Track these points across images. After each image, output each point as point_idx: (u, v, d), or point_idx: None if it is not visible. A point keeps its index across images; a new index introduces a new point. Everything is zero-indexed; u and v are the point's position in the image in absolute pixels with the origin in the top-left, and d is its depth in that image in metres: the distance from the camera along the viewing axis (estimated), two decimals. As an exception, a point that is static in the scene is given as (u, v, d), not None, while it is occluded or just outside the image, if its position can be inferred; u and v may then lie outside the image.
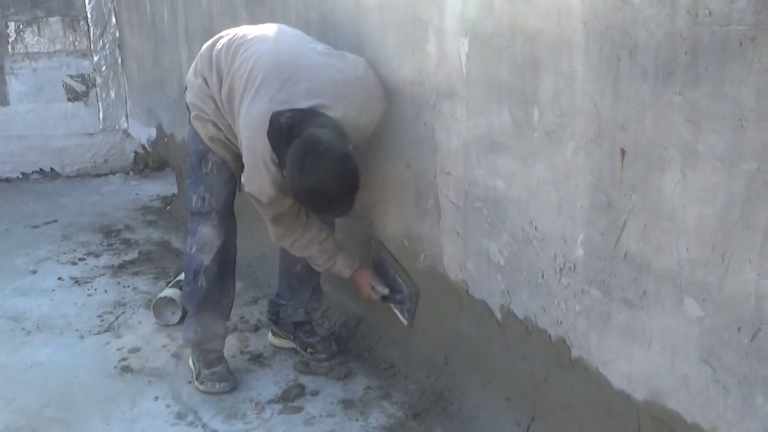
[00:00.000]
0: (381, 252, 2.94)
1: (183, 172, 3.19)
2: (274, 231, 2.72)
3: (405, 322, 2.88)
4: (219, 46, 2.75)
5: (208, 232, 2.85)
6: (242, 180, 2.67)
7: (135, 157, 5.87)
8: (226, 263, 2.91)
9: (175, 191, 5.15)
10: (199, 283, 2.88)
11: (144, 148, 5.70)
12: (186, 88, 2.88)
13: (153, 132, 5.44)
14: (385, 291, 2.88)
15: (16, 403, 2.91)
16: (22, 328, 3.53)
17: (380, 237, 2.97)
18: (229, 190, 2.84)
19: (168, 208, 5.08)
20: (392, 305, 2.91)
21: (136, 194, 5.46)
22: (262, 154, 2.51)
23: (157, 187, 5.52)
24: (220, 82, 2.69)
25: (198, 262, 2.87)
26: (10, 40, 5.52)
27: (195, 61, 2.86)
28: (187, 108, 2.86)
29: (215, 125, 2.75)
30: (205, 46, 2.84)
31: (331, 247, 2.80)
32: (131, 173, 5.86)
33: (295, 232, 2.71)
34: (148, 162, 5.88)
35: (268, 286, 3.66)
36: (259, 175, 2.54)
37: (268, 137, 2.48)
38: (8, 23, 5.51)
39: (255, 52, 2.62)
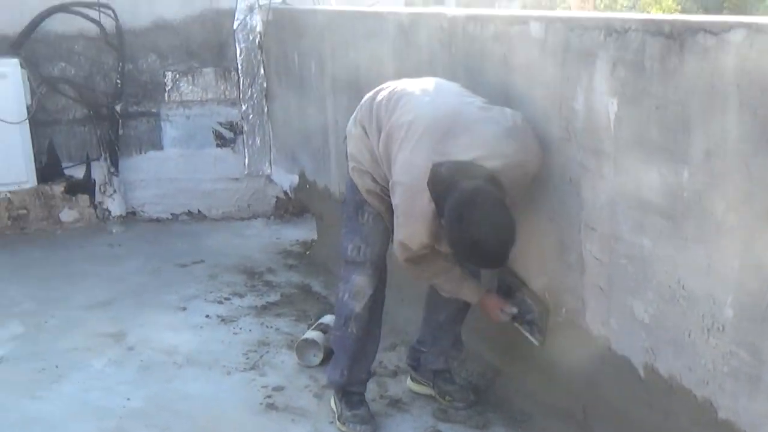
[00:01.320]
0: (506, 274, 3.01)
1: (340, 220, 3.37)
2: (407, 264, 2.80)
3: (536, 342, 2.93)
4: (380, 97, 2.92)
5: (361, 281, 3.00)
6: (394, 227, 2.78)
7: (277, 202, 6.17)
8: (375, 311, 3.05)
9: (315, 237, 5.39)
10: (350, 329, 3.03)
11: (286, 193, 5.98)
12: (345, 137, 3.06)
13: (295, 179, 5.70)
14: (514, 311, 2.94)
15: (170, 432, 3.14)
16: (174, 362, 3.79)
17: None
18: (383, 242, 2.97)
19: (308, 253, 5.31)
20: (521, 326, 2.97)
21: (277, 238, 5.72)
22: (420, 202, 2.61)
23: (297, 232, 5.78)
24: (379, 132, 2.84)
25: (350, 309, 3.02)
26: (167, 89, 5.96)
27: (355, 111, 3.04)
28: (347, 158, 3.03)
29: (372, 178, 2.91)
30: (366, 97, 3.02)
31: (457, 275, 2.89)
32: (272, 218, 6.15)
33: (443, 275, 2.84)
34: (289, 207, 6.16)
35: (406, 333, 3.79)
36: (414, 222, 2.65)
37: (429, 187, 2.59)
38: (166, 73, 5.95)
39: (415, 104, 2.77)
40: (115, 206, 5.94)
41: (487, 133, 2.64)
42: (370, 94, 3.01)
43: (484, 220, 2.47)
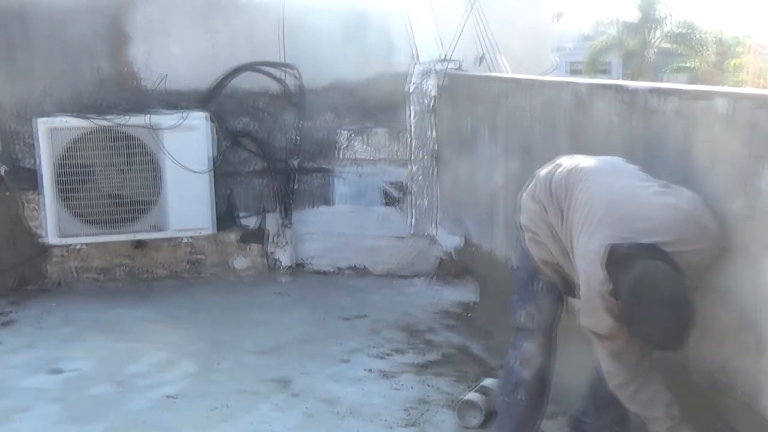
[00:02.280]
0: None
1: (504, 285, 3.46)
2: (613, 373, 2.79)
3: None
4: (557, 176, 3.01)
5: (532, 348, 3.08)
6: (580, 314, 2.84)
7: (439, 262, 6.32)
8: (544, 379, 3.11)
9: (476, 299, 5.49)
10: (518, 396, 3.10)
11: (449, 255, 6.13)
12: (520, 208, 3.17)
13: (459, 241, 5.85)
14: None
15: (333, 479, 3.29)
16: (336, 412, 3.97)
17: (691, 368, 3.04)
18: (555, 310, 3.04)
19: (468, 315, 5.41)
20: None
21: (438, 298, 5.86)
22: (598, 285, 2.68)
23: (458, 294, 5.89)
24: (560, 212, 2.92)
25: (519, 376, 3.10)
26: (341, 147, 6.27)
27: (532, 186, 3.14)
28: (520, 228, 3.14)
29: (548, 250, 3.00)
30: (543, 173, 3.12)
31: (677, 413, 2.76)
32: (434, 278, 6.29)
33: (636, 381, 2.77)
34: (451, 269, 6.29)
35: (567, 402, 3.80)
36: (594, 307, 2.71)
37: (607, 268, 2.65)
38: (341, 131, 6.27)
39: (593, 189, 2.84)
40: (285, 257, 6.27)
41: (667, 219, 2.68)
42: (546, 171, 3.10)
43: (664, 300, 2.50)
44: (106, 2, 5.93)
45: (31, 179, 5.82)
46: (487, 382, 3.96)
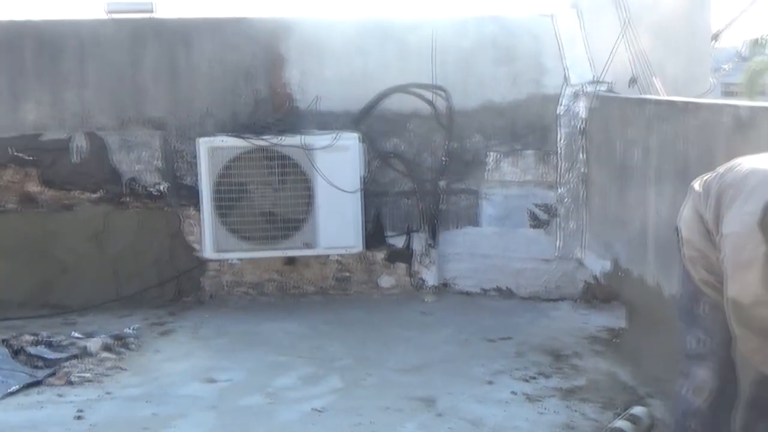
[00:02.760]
0: None
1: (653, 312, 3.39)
2: (742, 332, 2.64)
3: None
4: (714, 179, 2.95)
5: (703, 375, 2.96)
6: (726, 285, 2.67)
7: (585, 286, 6.27)
8: (720, 409, 2.97)
9: (624, 325, 5.42)
10: (689, 425, 3.01)
11: (596, 279, 6.08)
12: (676, 229, 3.14)
13: (607, 265, 5.79)
14: None
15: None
16: (480, 434, 4.02)
17: None
18: (726, 332, 2.83)
19: (616, 340, 5.35)
20: None
21: (584, 323, 5.82)
22: (750, 246, 2.53)
23: (605, 319, 5.83)
24: (716, 217, 2.83)
25: (689, 404, 3.00)
26: (488, 168, 6.35)
27: (688, 197, 3.09)
28: (680, 246, 3.08)
29: (707, 269, 2.94)
30: (697, 182, 3.07)
31: None
32: (579, 301, 6.26)
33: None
34: (597, 293, 6.23)
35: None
36: (744, 271, 2.55)
37: (761, 228, 2.51)
38: (489, 153, 6.35)
39: (748, 168, 2.78)
40: (430, 276, 6.38)
41: None
42: (701, 180, 3.05)
43: None
44: (263, 26, 6.23)
45: (191, 196, 6.18)
46: (637, 410, 3.93)
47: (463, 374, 4.81)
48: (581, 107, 6.12)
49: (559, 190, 6.25)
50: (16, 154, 6.14)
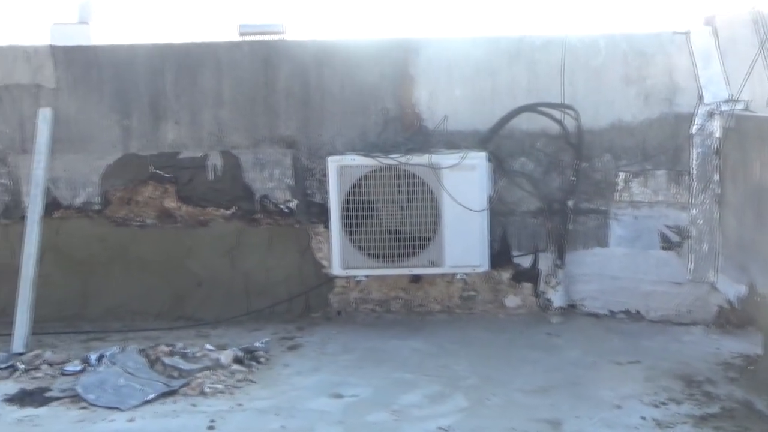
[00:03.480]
0: None
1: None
2: None
3: None
4: None
5: None
6: None
7: (718, 311, 6.18)
8: None
9: (759, 352, 5.32)
10: None
11: (730, 303, 5.99)
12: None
13: (742, 289, 5.69)
14: None
15: None
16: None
17: None
18: None
19: (751, 368, 5.26)
20: None
21: (717, 348, 5.73)
22: None
23: (740, 345, 5.73)
24: None
25: None
26: (618, 189, 6.35)
27: None
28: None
29: None
30: None
31: None
32: (712, 326, 6.17)
33: None
34: (731, 318, 6.13)
35: None
36: None
37: None
38: (618, 173, 6.35)
39: None
40: (556, 297, 6.42)
41: None
42: None
43: None
44: (392, 46, 6.42)
45: (320, 213, 6.43)
46: (773, 441, 3.88)
47: (590, 397, 4.83)
48: (716, 126, 6.05)
49: (692, 212, 6.19)
50: (155, 171, 6.53)
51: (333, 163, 6.06)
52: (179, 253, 6.62)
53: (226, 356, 5.36)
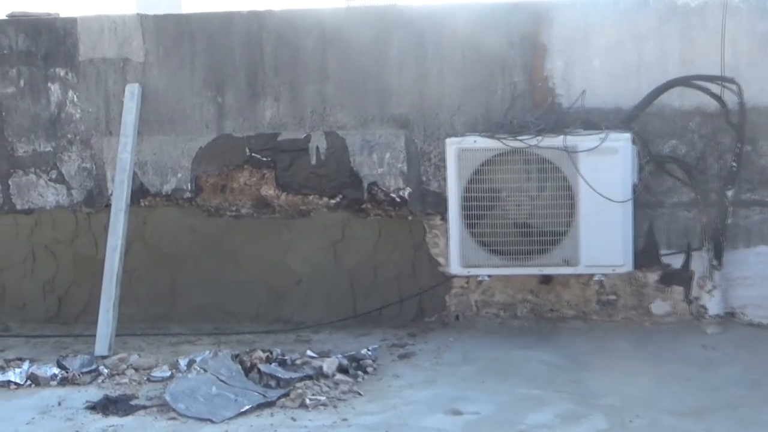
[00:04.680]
0: None
1: None
2: None
3: None
4: None
5: None
6: None
7: None
8: None
9: None
10: None
11: None
12: None
13: None
14: None
15: None
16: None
17: None
18: None
19: None
20: None
21: None
22: None
23: None
24: None
25: None
26: (789, 177, 6.22)
27: None
28: None
29: None
30: None
31: None
32: None
33: None
34: None
35: None
36: None
37: None
38: (790, 158, 6.22)
39: None
40: (712, 304, 6.32)
41: None
42: None
43: None
44: (523, 11, 6.43)
45: (436, 203, 6.52)
46: None
47: (754, 422, 4.75)
48: None
49: None
50: (252, 154, 6.73)
51: (452, 145, 6.13)
52: (277, 246, 6.81)
53: (329, 364, 5.48)
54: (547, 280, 6.50)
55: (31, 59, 6.90)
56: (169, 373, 5.54)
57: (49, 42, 6.86)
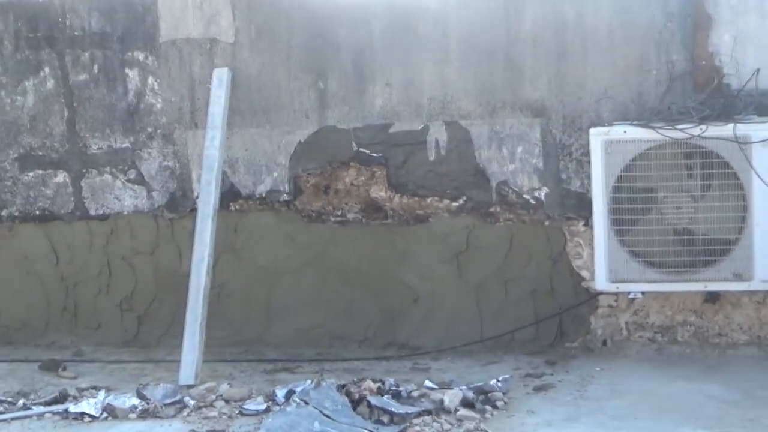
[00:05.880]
0: None
1: None
2: None
3: None
4: None
5: None
6: None
7: None
8: None
9: None
10: None
11: None
12: None
13: None
14: None
15: None
16: None
17: None
18: None
19: None
20: None
21: None
22: None
23: None
24: None
25: None
26: None
27: None
28: None
29: None
30: None
31: None
32: None
33: None
34: None
35: None
36: None
37: None
38: None
39: None
40: None
41: None
42: None
43: None
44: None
45: (579, 206, 6.51)
46: None
47: None
48: None
49: None
50: (360, 149, 6.82)
51: (597, 136, 6.12)
52: (390, 258, 6.88)
53: (451, 397, 5.49)
54: (713, 298, 6.42)
55: (105, 42, 7.11)
56: (264, 406, 5.61)
57: (126, 21, 7.07)
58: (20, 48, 7.22)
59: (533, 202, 6.59)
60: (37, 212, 7.27)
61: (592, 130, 6.14)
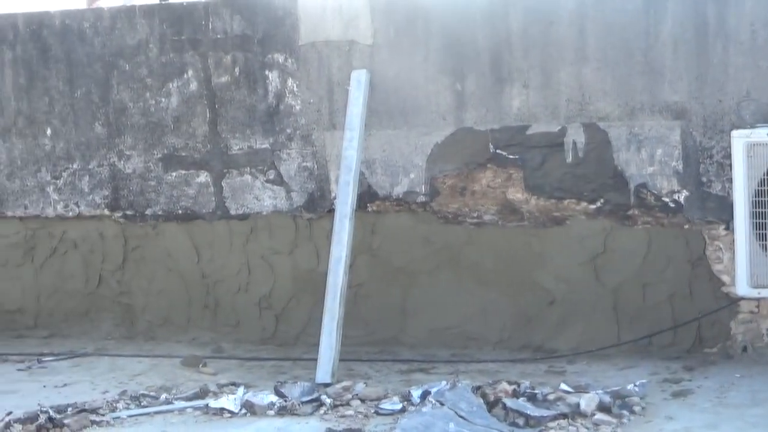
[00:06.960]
0: None
1: None
2: None
3: None
4: None
5: None
6: None
7: None
8: None
9: None
10: None
11: None
12: None
13: None
14: None
15: None
16: None
17: None
18: None
19: None
20: None
21: None
22: None
23: None
24: None
25: None
26: None
27: None
28: None
29: None
30: None
31: None
32: None
33: None
34: None
35: None
36: None
37: None
38: None
39: None
40: None
41: None
42: None
43: None
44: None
45: (720, 209, 6.41)
46: None
47: None
48: None
49: None
50: (496, 151, 6.84)
51: (739, 139, 6.05)
52: (526, 260, 6.89)
53: (588, 401, 5.48)
54: None
55: (246, 44, 7.27)
56: (400, 406, 5.69)
57: (266, 24, 7.21)
58: (165, 50, 7.41)
59: (672, 205, 6.51)
60: (180, 211, 7.45)
61: (734, 133, 6.08)
